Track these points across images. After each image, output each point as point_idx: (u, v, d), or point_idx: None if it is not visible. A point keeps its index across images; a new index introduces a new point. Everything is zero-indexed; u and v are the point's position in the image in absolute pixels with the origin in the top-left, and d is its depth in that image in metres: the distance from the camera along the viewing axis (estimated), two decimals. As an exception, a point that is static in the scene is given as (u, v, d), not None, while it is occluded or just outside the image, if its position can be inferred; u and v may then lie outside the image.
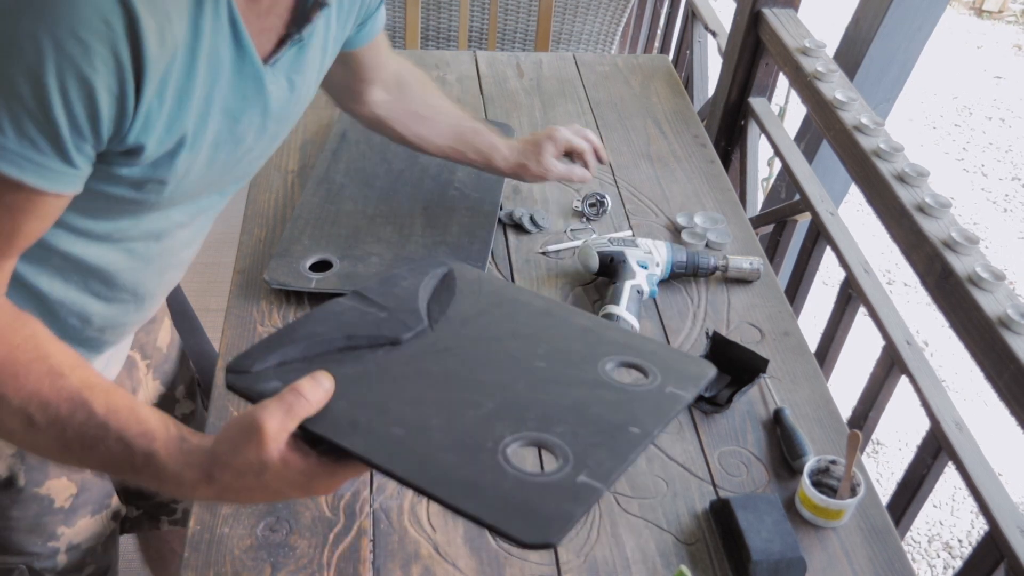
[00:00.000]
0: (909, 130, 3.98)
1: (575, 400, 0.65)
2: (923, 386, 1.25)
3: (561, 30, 2.41)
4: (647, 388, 0.67)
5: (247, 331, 1.17)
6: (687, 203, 1.46)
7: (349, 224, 1.30)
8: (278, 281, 1.20)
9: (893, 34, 1.76)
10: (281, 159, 1.49)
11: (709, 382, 0.70)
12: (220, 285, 1.58)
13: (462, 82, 1.74)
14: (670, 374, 0.68)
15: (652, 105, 1.71)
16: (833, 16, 4.04)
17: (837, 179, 1.91)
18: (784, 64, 1.70)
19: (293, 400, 0.61)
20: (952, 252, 1.17)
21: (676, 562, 0.94)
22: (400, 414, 0.63)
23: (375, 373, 0.68)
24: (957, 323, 1.15)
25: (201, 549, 0.90)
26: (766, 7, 1.77)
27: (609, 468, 0.59)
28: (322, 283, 1.20)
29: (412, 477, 0.59)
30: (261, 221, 1.35)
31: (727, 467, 1.04)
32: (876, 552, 0.97)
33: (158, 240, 0.83)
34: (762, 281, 1.30)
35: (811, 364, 1.19)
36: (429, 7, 2.31)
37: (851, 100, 1.49)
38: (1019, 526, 1.06)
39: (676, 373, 0.68)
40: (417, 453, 0.60)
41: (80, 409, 0.63)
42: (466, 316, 0.75)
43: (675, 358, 0.71)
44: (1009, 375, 1.04)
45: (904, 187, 1.30)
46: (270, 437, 0.60)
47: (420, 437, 0.61)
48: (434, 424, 0.62)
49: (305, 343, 0.70)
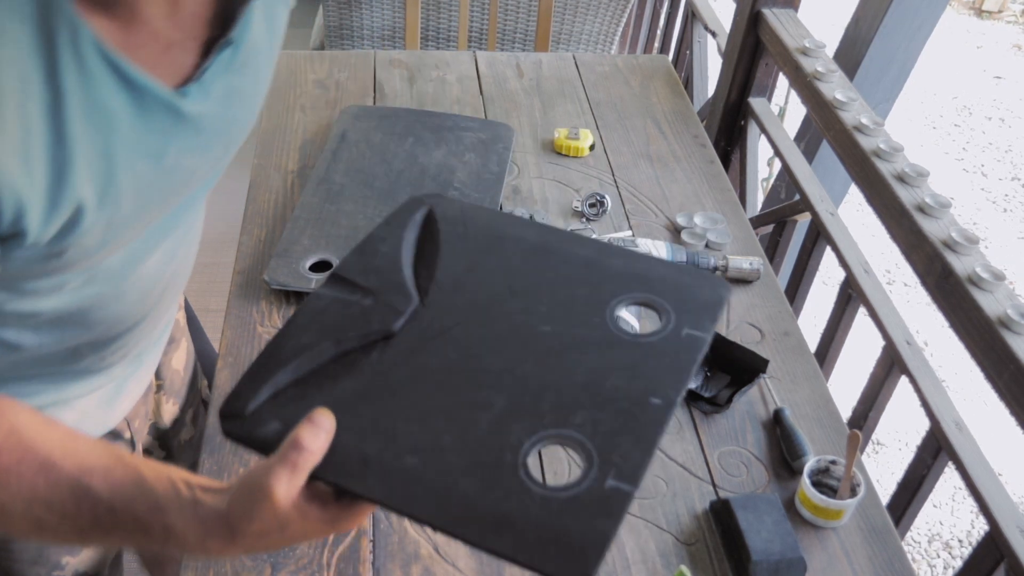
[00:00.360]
0: (909, 130, 3.98)
1: (588, 372, 0.60)
2: (923, 386, 1.25)
3: (561, 30, 2.41)
4: (662, 335, 0.61)
5: (247, 331, 1.17)
6: (687, 203, 1.46)
7: (349, 224, 1.30)
8: (278, 281, 1.20)
9: (893, 34, 1.76)
10: (281, 159, 1.49)
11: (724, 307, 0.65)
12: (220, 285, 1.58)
13: (462, 82, 1.74)
14: (684, 308, 0.63)
15: (652, 105, 1.71)
16: (833, 16, 4.04)
17: (837, 179, 1.91)
18: (784, 64, 1.70)
19: (296, 457, 0.57)
20: (952, 252, 1.17)
21: (676, 562, 0.94)
22: (409, 437, 0.59)
23: (374, 384, 0.62)
24: (957, 323, 1.15)
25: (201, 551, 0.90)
26: (766, 7, 1.77)
27: (636, 462, 0.55)
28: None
29: (435, 519, 0.55)
30: (261, 221, 1.35)
31: (727, 467, 1.04)
32: (876, 552, 0.97)
33: (124, 277, 0.75)
34: (762, 281, 1.30)
35: (811, 364, 1.19)
36: (429, 7, 2.31)
37: (851, 100, 1.49)
38: (1019, 526, 1.06)
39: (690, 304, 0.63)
40: (436, 486, 0.56)
41: (84, 499, 0.60)
42: (457, 276, 0.68)
43: (685, 280, 0.65)
44: (1009, 375, 1.04)
45: (904, 187, 1.30)
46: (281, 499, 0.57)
47: (435, 463, 0.57)
48: (447, 442, 0.58)
49: (294, 363, 0.63)
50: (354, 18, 2.33)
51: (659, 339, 0.62)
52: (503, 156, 1.48)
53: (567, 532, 0.53)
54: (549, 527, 0.53)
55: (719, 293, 0.64)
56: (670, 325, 0.62)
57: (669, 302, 0.63)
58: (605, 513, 0.54)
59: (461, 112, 1.63)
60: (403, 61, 1.78)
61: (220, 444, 1.02)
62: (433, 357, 0.63)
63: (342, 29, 2.35)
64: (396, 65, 1.77)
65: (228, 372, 1.12)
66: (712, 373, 1.16)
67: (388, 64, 1.77)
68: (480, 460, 0.57)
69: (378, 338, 0.65)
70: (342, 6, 2.30)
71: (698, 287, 0.65)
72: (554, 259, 0.68)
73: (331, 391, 0.61)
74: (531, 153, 1.55)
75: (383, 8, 2.32)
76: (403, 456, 0.58)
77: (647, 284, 0.65)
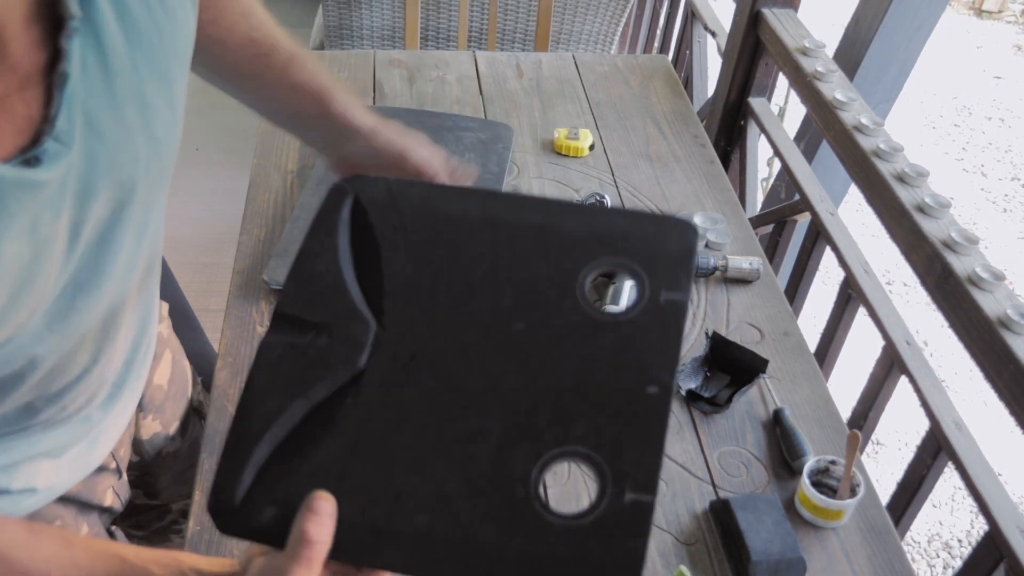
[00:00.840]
0: (909, 130, 3.98)
1: (575, 370, 0.56)
2: (923, 386, 1.25)
3: (561, 30, 2.41)
4: (641, 307, 0.57)
5: (247, 331, 1.17)
6: (687, 203, 1.46)
7: (349, 224, 1.30)
8: (277, 281, 1.20)
9: (893, 34, 1.76)
10: (281, 159, 1.49)
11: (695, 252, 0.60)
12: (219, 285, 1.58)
13: (462, 82, 1.74)
14: (656, 266, 0.58)
15: (652, 105, 1.71)
16: (833, 16, 4.04)
17: (837, 179, 1.91)
18: (784, 64, 1.70)
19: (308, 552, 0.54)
20: (952, 252, 1.17)
21: (676, 562, 0.94)
22: (413, 493, 0.55)
23: (358, 438, 0.57)
24: (957, 323, 1.15)
25: (200, 550, 0.90)
26: (766, 7, 1.77)
27: (649, 466, 0.53)
28: (322, 283, 1.19)
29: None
30: (260, 221, 1.35)
31: (727, 467, 1.04)
32: (876, 552, 0.97)
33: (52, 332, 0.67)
34: (762, 281, 1.30)
35: (811, 364, 1.19)
36: (429, 7, 2.31)
37: (851, 100, 1.49)
38: (1019, 526, 1.06)
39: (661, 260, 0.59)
40: (454, 542, 0.53)
41: None
42: (407, 280, 0.61)
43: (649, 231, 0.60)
44: (1009, 375, 1.04)
45: (904, 187, 1.30)
46: None
47: (447, 517, 0.54)
48: (452, 490, 0.54)
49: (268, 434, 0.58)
50: (354, 18, 2.33)
51: (639, 312, 0.57)
52: (503, 156, 1.48)
53: (600, 561, 0.51)
54: (581, 560, 0.52)
55: (687, 238, 0.59)
56: (647, 293, 0.58)
57: (639, 262, 0.59)
58: (632, 531, 0.52)
59: (461, 112, 1.63)
60: (403, 61, 1.78)
61: (220, 445, 1.02)
62: (410, 390, 0.58)
63: (342, 29, 2.35)
64: (396, 65, 1.77)
65: (228, 372, 1.12)
66: (712, 373, 1.16)
67: (388, 64, 1.77)
68: (492, 502, 0.54)
69: (347, 381, 0.59)
70: (342, 6, 2.30)
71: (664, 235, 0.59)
72: (505, 234, 0.61)
73: (316, 457, 0.57)
74: (531, 153, 1.55)
75: (383, 8, 2.32)
76: (413, 516, 0.54)
77: (611, 245, 0.60)
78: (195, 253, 2.56)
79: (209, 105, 1.56)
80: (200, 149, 2.93)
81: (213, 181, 2.78)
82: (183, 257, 2.50)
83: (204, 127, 2.90)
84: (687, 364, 1.14)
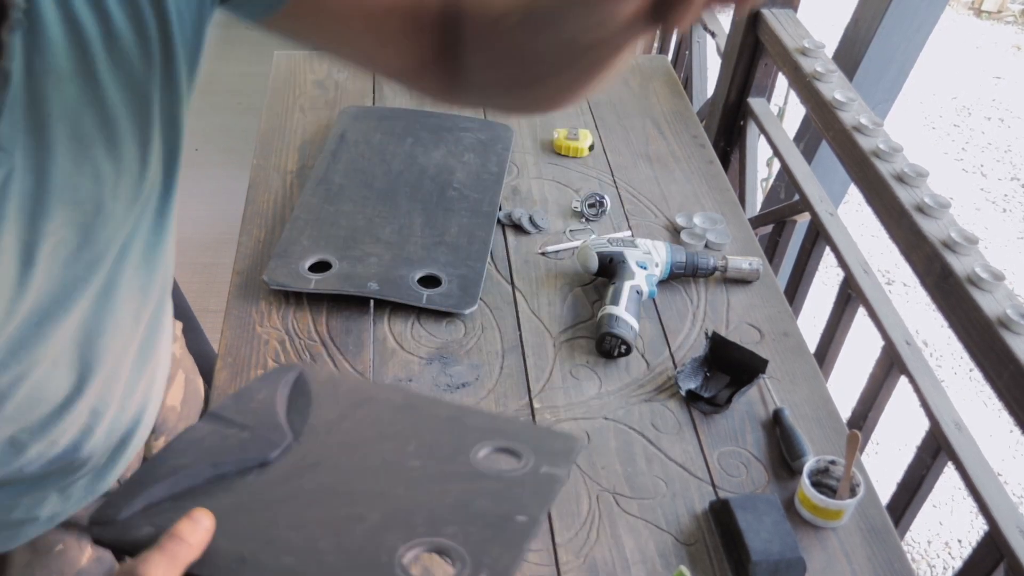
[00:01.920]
0: (908, 130, 3.98)
1: (457, 496, 0.63)
2: (922, 386, 1.25)
3: (560, 30, 2.40)
4: (522, 471, 0.66)
5: (246, 332, 1.17)
6: (686, 203, 1.46)
7: (348, 225, 1.30)
8: (277, 282, 1.20)
9: (892, 34, 1.76)
10: (280, 160, 1.49)
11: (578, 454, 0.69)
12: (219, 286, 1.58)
13: (461, 82, 1.73)
14: (541, 453, 0.67)
15: (651, 105, 1.71)
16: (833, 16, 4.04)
17: (836, 179, 1.91)
18: (783, 64, 1.70)
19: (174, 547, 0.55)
20: (951, 252, 1.17)
21: (676, 562, 0.94)
22: (286, 541, 0.60)
23: (250, 501, 0.64)
24: (956, 323, 1.15)
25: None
26: (765, 7, 1.77)
27: (506, 563, 0.58)
28: (321, 284, 1.20)
29: None
30: (260, 222, 1.35)
31: (726, 467, 1.04)
32: (876, 552, 0.97)
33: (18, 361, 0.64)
34: (761, 281, 1.30)
35: (810, 364, 1.19)
36: (428, 7, 2.31)
37: (850, 100, 1.49)
38: (1018, 526, 1.06)
39: (546, 451, 0.68)
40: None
41: None
42: (329, 422, 0.71)
43: (542, 436, 0.70)
44: (1009, 375, 1.04)
45: (903, 187, 1.30)
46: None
47: (312, 563, 0.58)
48: (324, 546, 0.59)
49: (170, 480, 0.64)
50: (353, 18, 2.33)
51: (520, 474, 0.65)
52: (502, 156, 1.48)
53: None
54: None
55: (571, 445, 0.69)
56: (529, 464, 0.66)
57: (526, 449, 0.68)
58: None
59: (460, 112, 1.64)
60: (402, 61, 1.78)
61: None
62: (307, 481, 0.65)
63: (341, 29, 2.35)
64: (395, 65, 1.76)
65: (227, 372, 1.12)
66: (712, 373, 1.16)
67: (387, 64, 1.76)
68: (356, 561, 0.58)
69: (254, 465, 0.66)
70: (341, 6, 2.30)
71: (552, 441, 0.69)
72: (420, 415, 0.73)
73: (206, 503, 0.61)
74: (530, 153, 1.55)
75: (382, 8, 2.32)
76: (280, 557, 0.59)
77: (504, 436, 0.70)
78: (195, 253, 2.56)
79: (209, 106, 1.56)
80: (200, 149, 2.93)
81: (213, 181, 2.78)
82: (183, 257, 2.50)
83: (204, 127, 2.91)
84: (687, 364, 1.14)
